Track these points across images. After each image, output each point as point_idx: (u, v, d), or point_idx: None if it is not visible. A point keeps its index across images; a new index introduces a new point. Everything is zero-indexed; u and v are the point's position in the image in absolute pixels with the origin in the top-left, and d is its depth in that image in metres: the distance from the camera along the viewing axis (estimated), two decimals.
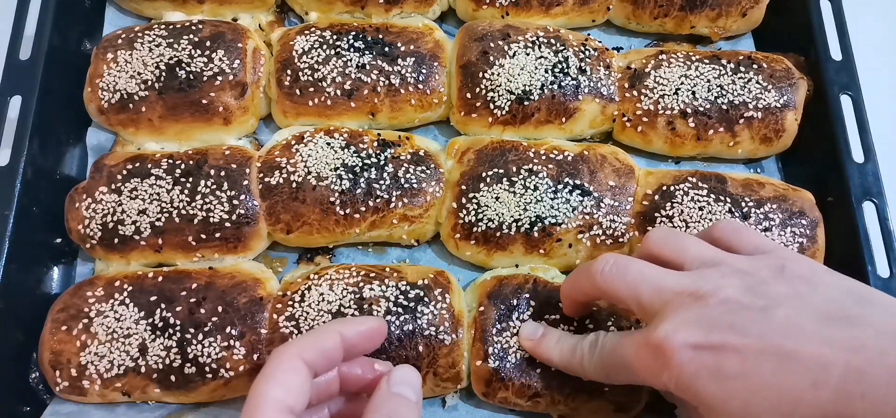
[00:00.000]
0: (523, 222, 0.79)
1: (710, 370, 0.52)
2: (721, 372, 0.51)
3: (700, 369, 0.52)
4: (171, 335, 0.74)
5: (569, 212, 0.79)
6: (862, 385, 0.47)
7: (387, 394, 0.56)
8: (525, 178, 0.79)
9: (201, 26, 0.87)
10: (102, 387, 0.74)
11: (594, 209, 0.79)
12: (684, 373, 0.52)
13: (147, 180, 0.80)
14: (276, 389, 0.50)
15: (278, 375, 0.51)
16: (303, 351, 0.53)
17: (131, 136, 0.87)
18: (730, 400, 0.51)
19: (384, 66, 0.86)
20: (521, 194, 0.79)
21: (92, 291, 0.77)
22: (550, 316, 0.75)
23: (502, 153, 0.81)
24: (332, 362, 0.56)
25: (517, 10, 0.92)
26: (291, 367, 0.52)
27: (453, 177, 0.82)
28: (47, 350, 0.75)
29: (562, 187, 0.79)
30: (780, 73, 0.88)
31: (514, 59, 0.86)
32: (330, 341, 0.55)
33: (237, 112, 0.86)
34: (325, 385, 0.59)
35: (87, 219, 0.80)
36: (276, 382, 0.50)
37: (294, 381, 0.51)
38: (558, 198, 0.79)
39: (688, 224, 0.80)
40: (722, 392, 0.51)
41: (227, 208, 0.80)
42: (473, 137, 0.86)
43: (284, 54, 0.87)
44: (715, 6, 0.93)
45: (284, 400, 0.50)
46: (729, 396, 0.51)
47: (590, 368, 0.64)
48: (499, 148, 0.82)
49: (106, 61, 0.85)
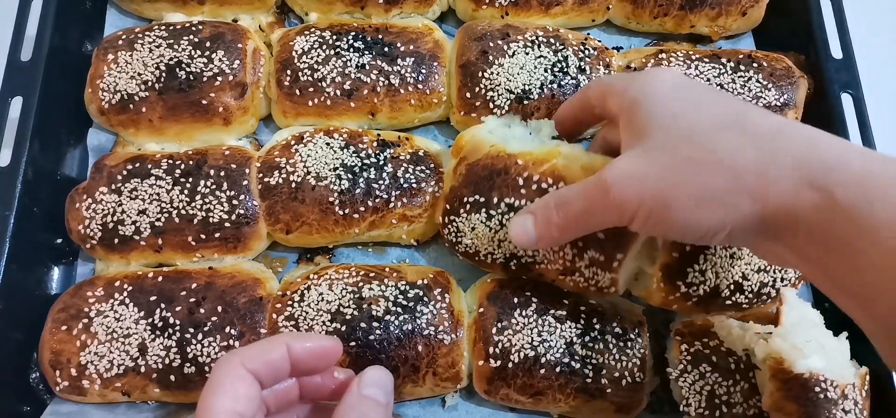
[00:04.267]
0: (498, 257, 0.76)
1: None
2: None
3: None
4: (170, 335, 0.74)
5: (549, 254, 0.73)
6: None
7: (357, 397, 0.56)
8: (503, 214, 0.72)
9: (201, 27, 0.87)
10: (102, 387, 0.75)
11: (576, 257, 0.71)
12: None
13: (147, 180, 0.81)
14: (224, 399, 0.49)
15: (225, 384, 0.50)
16: (246, 360, 0.52)
17: (132, 137, 0.87)
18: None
19: (384, 67, 0.86)
20: (496, 230, 0.73)
21: (92, 291, 0.77)
22: (555, 312, 0.75)
23: (490, 176, 0.73)
24: (277, 374, 0.55)
25: (517, 9, 0.92)
26: (237, 376, 0.51)
27: (447, 183, 0.79)
28: (47, 350, 0.75)
29: None
30: (780, 71, 0.88)
31: (513, 58, 0.86)
32: (276, 353, 0.54)
33: (237, 112, 0.86)
34: (283, 392, 0.57)
35: (88, 220, 0.80)
36: (223, 391, 0.50)
37: (241, 389, 0.51)
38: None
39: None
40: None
41: (226, 208, 0.80)
42: (477, 140, 0.77)
43: (284, 55, 0.87)
44: (715, 5, 0.93)
45: (233, 409, 0.49)
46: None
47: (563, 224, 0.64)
48: (489, 166, 0.74)
49: (106, 62, 0.86)
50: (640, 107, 0.58)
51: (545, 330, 0.74)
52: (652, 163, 0.55)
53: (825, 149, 0.52)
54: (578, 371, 0.73)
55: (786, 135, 0.53)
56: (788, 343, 0.69)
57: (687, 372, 0.74)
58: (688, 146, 0.54)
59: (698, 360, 0.74)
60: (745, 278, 0.75)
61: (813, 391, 0.68)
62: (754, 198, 0.53)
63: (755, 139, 0.53)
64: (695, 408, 0.72)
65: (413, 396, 0.78)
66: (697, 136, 0.54)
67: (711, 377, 0.73)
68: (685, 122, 0.55)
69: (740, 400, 0.71)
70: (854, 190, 0.49)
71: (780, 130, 0.53)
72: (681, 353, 0.75)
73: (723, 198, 0.53)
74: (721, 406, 0.71)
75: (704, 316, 0.79)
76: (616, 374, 0.73)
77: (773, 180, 0.52)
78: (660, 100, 0.57)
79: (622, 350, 0.74)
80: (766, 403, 0.70)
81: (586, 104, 0.68)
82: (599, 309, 0.76)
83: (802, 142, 0.52)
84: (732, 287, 0.74)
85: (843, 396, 0.68)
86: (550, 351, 0.73)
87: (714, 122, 0.55)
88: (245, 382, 0.52)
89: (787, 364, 0.68)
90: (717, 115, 0.55)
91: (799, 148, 0.52)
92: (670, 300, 0.76)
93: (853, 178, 0.49)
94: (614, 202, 0.57)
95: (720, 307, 0.76)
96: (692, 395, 0.73)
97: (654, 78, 0.60)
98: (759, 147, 0.53)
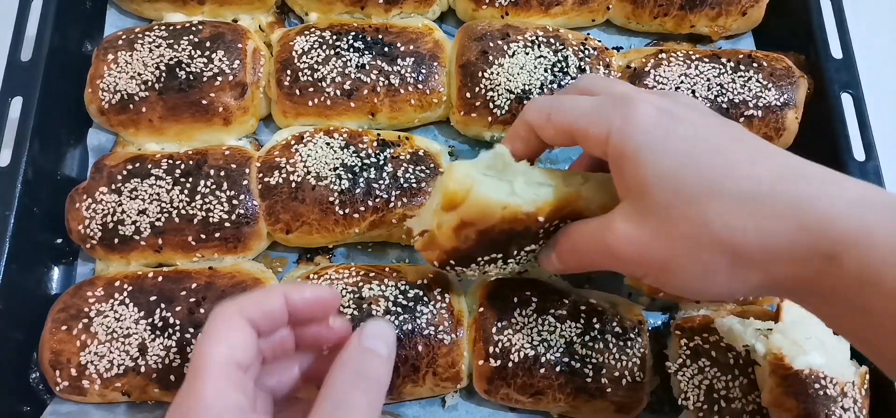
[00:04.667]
0: (505, 273, 0.73)
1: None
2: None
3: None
4: (170, 335, 0.74)
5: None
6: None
7: (357, 348, 0.54)
8: (520, 260, 0.69)
9: (201, 27, 0.87)
10: (102, 387, 0.75)
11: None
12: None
13: (147, 180, 0.81)
14: (219, 346, 0.48)
15: (219, 333, 0.49)
16: (243, 309, 0.51)
17: (131, 137, 0.87)
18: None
19: (384, 66, 0.86)
20: (513, 268, 0.72)
21: (92, 291, 0.77)
22: (555, 311, 0.75)
23: (509, 239, 0.63)
24: (275, 323, 0.54)
25: (517, 9, 0.92)
26: (232, 325, 0.50)
27: (443, 239, 0.64)
28: (47, 350, 0.75)
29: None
30: (780, 71, 0.88)
31: (513, 58, 0.86)
32: (274, 302, 0.53)
33: (237, 112, 0.86)
34: (279, 341, 0.56)
35: (88, 220, 0.80)
36: (217, 339, 0.49)
37: (236, 338, 0.50)
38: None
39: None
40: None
41: (226, 208, 0.80)
42: (481, 202, 0.59)
43: (284, 54, 0.87)
44: (715, 5, 0.93)
45: (228, 356, 0.48)
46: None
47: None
48: (508, 232, 0.62)
49: (106, 62, 0.86)
50: (628, 160, 0.54)
51: (545, 330, 0.74)
52: (652, 232, 0.54)
53: (825, 205, 0.49)
54: (578, 370, 0.73)
55: (779, 194, 0.50)
56: (789, 339, 0.69)
57: (686, 366, 0.74)
58: (684, 220, 0.52)
59: (698, 355, 0.74)
60: None
61: (812, 387, 0.68)
62: (759, 271, 0.52)
63: (750, 205, 0.50)
64: (693, 402, 0.72)
65: (413, 396, 0.77)
66: (692, 207, 0.52)
67: (710, 371, 0.73)
68: (677, 185, 0.52)
69: (739, 395, 0.71)
70: (860, 252, 0.47)
71: (773, 188, 0.50)
72: (680, 348, 0.75)
73: (728, 272, 0.52)
74: (720, 400, 0.71)
75: (704, 314, 0.79)
76: (616, 374, 0.73)
77: (776, 254, 0.50)
78: (649, 150, 0.53)
79: (622, 349, 0.74)
80: (765, 399, 0.70)
81: (541, 134, 0.62)
82: (599, 308, 0.76)
83: (799, 200, 0.50)
84: None
85: (842, 394, 0.68)
86: (550, 351, 0.73)
87: (704, 187, 0.52)
88: (241, 331, 0.50)
89: (787, 360, 0.68)
90: (706, 176, 0.52)
91: (797, 210, 0.49)
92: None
93: (858, 238, 0.48)
94: (622, 265, 0.58)
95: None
96: (691, 390, 0.73)
97: (635, 116, 0.54)
98: (756, 217, 0.50)
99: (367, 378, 0.52)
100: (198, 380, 0.47)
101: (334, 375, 0.52)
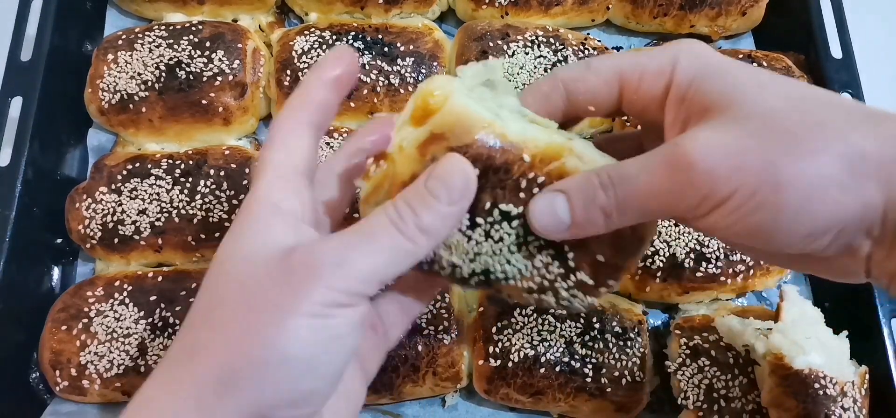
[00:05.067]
0: (463, 269, 0.50)
1: None
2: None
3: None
4: (170, 335, 0.74)
5: (525, 270, 0.51)
6: None
7: (417, 186, 0.46)
8: (493, 224, 0.50)
9: (201, 27, 0.87)
10: (102, 387, 0.75)
11: (559, 278, 0.51)
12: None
13: (147, 180, 0.81)
14: (278, 153, 0.47)
15: (279, 140, 0.48)
16: (298, 111, 0.49)
17: (131, 137, 0.87)
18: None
19: (384, 66, 0.86)
20: (478, 242, 0.50)
21: (92, 291, 0.77)
22: (555, 311, 0.75)
23: (485, 173, 0.48)
24: (329, 109, 0.50)
25: (516, 10, 0.92)
26: (290, 129, 0.48)
27: (403, 170, 0.48)
28: (47, 350, 0.75)
29: (533, 239, 0.50)
30: (780, 71, 0.88)
31: (513, 58, 0.86)
32: (320, 91, 0.50)
33: (237, 112, 0.86)
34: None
35: (88, 220, 0.80)
36: (276, 147, 0.47)
37: (295, 143, 0.48)
38: (521, 252, 0.51)
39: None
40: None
41: (226, 208, 0.80)
42: (459, 110, 0.48)
43: (284, 54, 0.87)
44: (714, 5, 0.93)
45: (286, 161, 0.47)
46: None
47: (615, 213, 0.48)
48: (484, 159, 0.48)
49: (106, 62, 0.86)
50: (708, 78, 0.45)
51: (545, 330, 0.74)
52: (750, 134, 0.42)
53: None
54: (578, 370, 0.73)
55: (892, 118, 0.42)
56: (788, 339, 0.69)
57: (686, 365, 0.74)
58: (788, 116, 0.42)
59: (697, 354, 0.74)
60: (703, 245, 0.76)
61: (812, 387, 0.68)
62: (880, 183, 0.41)
63: (868, 119, 0.42)
64: (693, 402, 0.72)
65: (413, 396, 0.77)
66: (800, 105, 0.42)
67: (710, 371, 0.73)
68: (777, 89, 0.43)
69: (739, 395, 0.71)
70: None
71: (886, 114, 0.43)
72: (680, 347, 0.75)
73: (843, 181, 0.41)
74: (719, 400, 0.72)
75: (704, 314, 0.79)
76: (616, 373, 0.73)
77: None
78: (727, 67, 0.45)
79: (622, 349, 0.74)
80: (765, 398, 0.70)
81: (576, 87, 0.50)
82: (599, 308, 0.76)
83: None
84: (693, 256, 0.75)
85: (842, 393, 0.68)
86: (550, 351, 0.74)
87: (809, 91, 0.44)
88: (301, 136, 0.48)
89: (787, 359, 0.68)
90: (806, 89, 0.44)
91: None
92: (637, 282, 0.78)
93: None
94: (700, 181, 0.42)
95: (692, 280, 0.77)
96: (691, 389, 0.73)
97: (695, 46, 0.46)
98: (875, 127, 0.42)
99: (404, 225, 0.44)
100: (256, 182, 0.46)
101: (384, 204, 0.46)
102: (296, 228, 0.44)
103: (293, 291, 0.40)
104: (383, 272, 0.43)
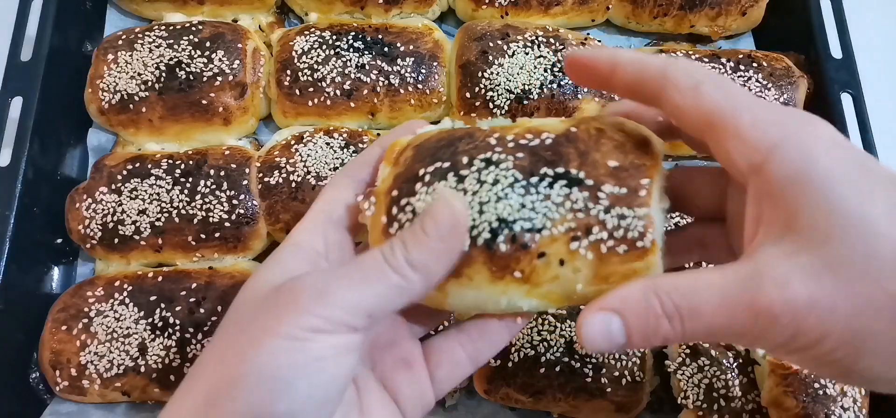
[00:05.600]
0: (481, 229, 0.47)
1: None
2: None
3: None
4: (170, 335, 0.74)
5: (550, 212, 0.47)
6: None
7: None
8: (480, 170, 0.48)
9: (201, 27, 0.87)
10: (102, 387, 0.75)
11: (589, 203, 0.47)
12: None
13: (147, 180, 0.81)
14: (320, 202, 0.51)
15: (324, 192, 0.52)
16: (350, 170, 0.53)
17: (131, 137, 0.87)
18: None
19: (384, 66, 0.86)
20: (475, 191, 0.48)
21: (92, 291, 0.77)
22: (555, 311, 0.75)
23: (451, 143, 0.50)
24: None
25: (516, 9, 0.92)
26: (336, 184, 0.52)
27: (384, 186, 0.50)
28: (47, 350, 0.75)
29: (537, 180, 0.48)
30: (779, 71, 0.88)
31: (513, 58, 0.86)
32: (373, 154, 0.54)
33: (237, 112, 0.86)
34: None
35: (88, 220, 0.80)
36: (321, 197, 0.52)
37: (335, 194, 0.51)
38: (532, 195, 0.47)
39: None
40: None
41: (226, 208, 0.80)
42: (419, 133, 0.54)
43: (284, 54, 0.87)
44: (714, 5, 0.93)
45: (323, 209, 0.51)
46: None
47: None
48: (447, 138, 0.51)
49: (106, 62, 0.86)
50: (807, 189, 0.40)
51: (545, 329, 0.74)
52: (843, 292, 0.39)
53: None
54: (578, 370, 0.73)
55: None
56: None
57: (686, 365, 0.74)
58: (891, 277, 0.38)
59: (697, 354, 0.74)
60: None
61: (812, 387, 0.68)
62: None
63: None
64: (693, 401, 0.72)
65: None
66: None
67: (710, 370, 0.73)
68: (881, 230, 0.39)
69: (739, 394, 0.71)
70: None
71: None
72: (680, 347, 0.75)
73: None
74: (719, 399, 0.71)
75: None
76: (616, 373, 0.73)
77: None
78: (833, 175, 0.40)
79: None
80: (765, 398, 0.70)
81: (669, 100, 0.45)
82: None
83: None
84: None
85: (842, 393, 0.68)
86: (550, 350, 0.73)
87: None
88: (342, 189, 0.52)
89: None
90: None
91: None
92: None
93: None
94: (781, 328, 0.40)
95: None
96: (690, 388, 0.73)
97: (819, 129, 0.42)
98: None
99: (394, 261, 0.44)
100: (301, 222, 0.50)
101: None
102: (312, 264, 0.47)
103: (276, 315, 0.41)
104: (371, 304, 0.43)
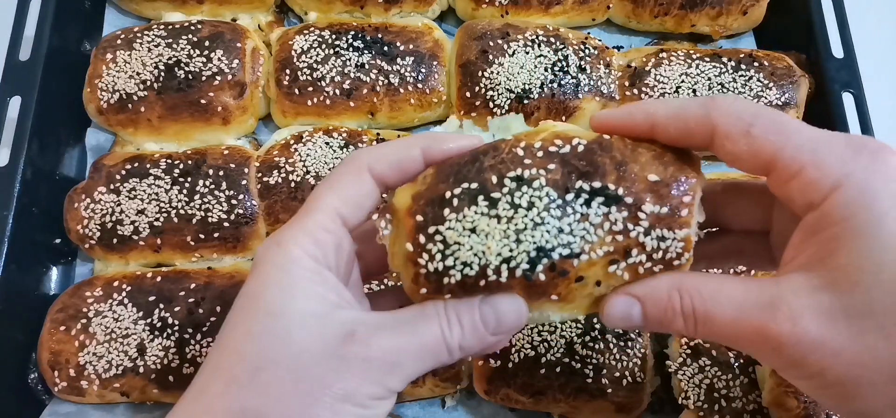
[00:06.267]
0: (519, 260, 0.45)
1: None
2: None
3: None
4: (169, 335, 0.74)
5: (588, 234, 0.46)
6: None
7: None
8: (513, 192, 0.46)
9: (200, 26, 0.87)
10: (101, 388, 0.74)
11: (629, 224, 0.46)
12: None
13: (146, 180, 0.80)
14: (332, 197, 0.47)
15: (338, 182, 0.48)
16: (375, 161, 0.48)
17: (130, 137, 0.87)
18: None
19: (383, 66, 0.86)
20: (509, 217, 0.46)
21: (91, 291, 0.77)
22: None
23: (475, 159, 0.48)
24: (405, 177, 0.49)
25: (517, 9, 0.92)
26: (355, 177, 0.48)
27: (403, 204, 0.48)
28: (46, 350, 0.75)
29: (573, 196, 0.46)
30: (781, 70, 0.87)
31: (513, 57, 0.86)
32: (409, 153, 0.48)
33: (236, 112, 0.86)
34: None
35: (86, 220, 0.80)
36: (334, 190, 0.47)
37: (352, 191, 0.47)
38: (569, 216, 0.46)
39: None
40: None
41: (225, 208, 0.80)
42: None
43: (283, 54, 0.87)
44: (715, 4, 0.93)
45: (338, 209, 0.47)
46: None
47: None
48: (470, 153, 0.48)
49: (105, 62, 0.85)
50: (852, 228, 0.41)
51: (545, 330, 0.74)
52: (853, 340, 0.41)
53: None
54: (579, 370, 0.73)
55: None
56: None
57: (686, 365, 0.74)
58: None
59: (698, 354, 0.74)
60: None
61: None
62: None
63: None
64: (694, 402, 0.72)
65: (413, 396, 0.77)
66: None
67: (711, 370, 0.73)
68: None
69: (740, 395, 0.71)
70: None
71: None
72: (681, 347, 0.75)
73: None
74: (720, 400, 0.71)
75: None
76: (616, 374, 0.73)
77: None
78: (882, 228, 0.40)
79: (623, 349, 0.74)
80: (766, 398, 0.70)
81: (727, 147, 0.45)
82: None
83: None
84: None
85: None
86: (551, 351, 0.73)
87: None
88: (361, 186, 0.47)
89: None
90: None
91: None
92: None
93: None
94: (784, 359, 0.43)
95: None
96: (691, 389, 0.73)
97: (872, 172, 0.41)
98: None
99: (451, 341, 0.46)
100: (303, 217, 0.47)
101: None
102: (338, 294, 0.45)
103: (346, 380, 0.42)
104: (420, 373, 0.46)
